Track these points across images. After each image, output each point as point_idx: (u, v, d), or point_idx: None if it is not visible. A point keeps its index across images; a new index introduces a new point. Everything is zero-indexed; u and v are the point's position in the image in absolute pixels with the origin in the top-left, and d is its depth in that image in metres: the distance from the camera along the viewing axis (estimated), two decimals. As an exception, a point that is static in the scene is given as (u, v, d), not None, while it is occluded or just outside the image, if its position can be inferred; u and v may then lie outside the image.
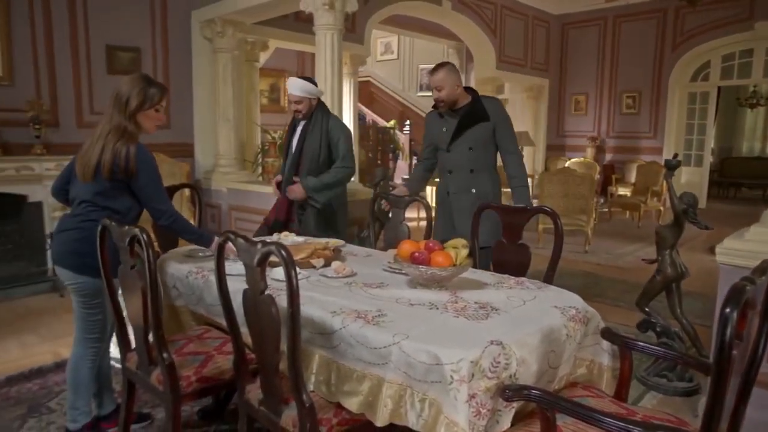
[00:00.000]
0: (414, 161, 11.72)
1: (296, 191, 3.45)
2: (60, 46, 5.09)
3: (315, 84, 3.53)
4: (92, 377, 2.33)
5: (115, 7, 5.42)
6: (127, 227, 1.94)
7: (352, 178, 4.04)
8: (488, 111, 3.17)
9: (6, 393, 2.85)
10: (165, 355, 1.92)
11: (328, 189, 3.47)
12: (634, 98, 10.09)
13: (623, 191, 9.30)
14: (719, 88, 10.00)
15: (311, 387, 1.70)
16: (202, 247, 2.49)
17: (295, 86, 3.42)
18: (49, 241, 4.65)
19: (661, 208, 8.56)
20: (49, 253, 4.70)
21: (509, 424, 1.49)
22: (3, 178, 4.47)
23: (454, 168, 3.26)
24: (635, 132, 10.17)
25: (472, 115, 3.16)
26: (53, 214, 4.68)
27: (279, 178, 3.67)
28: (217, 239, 2.38)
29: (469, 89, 3.24)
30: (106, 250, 2.10)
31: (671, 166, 3.02)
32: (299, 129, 3.55)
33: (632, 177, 9.46)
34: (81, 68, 5.26)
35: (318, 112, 3.49)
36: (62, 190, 2.39)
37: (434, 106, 3.29)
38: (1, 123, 4.61)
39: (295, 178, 3.50)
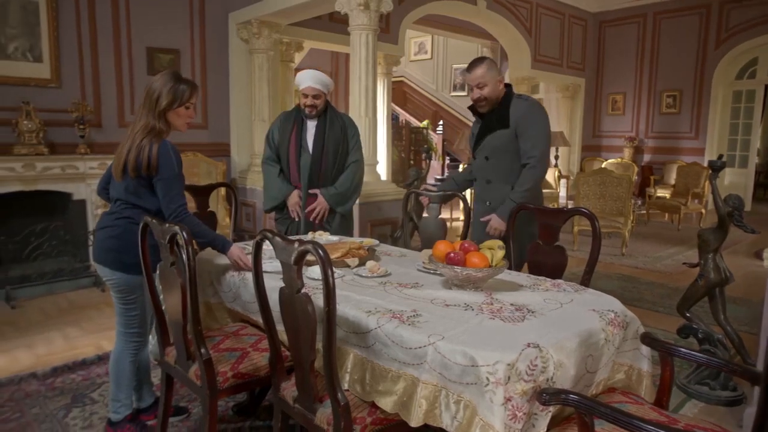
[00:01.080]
0: (447, 161, 11.67)
1: (322, 205, 3.26)
2: (104, 49, 5.27)
3: None
4: (133, 370, 2.40)
5: (155, 10, 5.58)
6: (167, 225, 1.97)
7: (383, 178, 3.96)
8: (511, 116, 2.81)
9: (51, 383, 2.96)
10: (203, 350, 1.96)
11: (352, 196, 3.36)
12: (674, 97, 9.81)
13: (662, 193, 9.04)
14: (766, 86, 9.63)
15: (346, 386, 1.71)
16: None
17: (313, 79, 3.13)
18: (91, 237, 4.81)
19: (703, 211, 8.29)
20: (91, 249, 4.86)
21: (545, 429, 1.47)
22: (49, 176, 4.65)
23: (477, 176, 3.07)
24: (675, 132, 9.88)
25: (491, 121, 2.87)
26: (96, 211, 4.86)
27: (298, 195, 3.31)
28: (231, 242, 2.33)
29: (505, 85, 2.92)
30: (147, 247, 2.13)
31: (716, 168, 2.93)
32: (310, 126, 3.29)
33: (672, 178, 9.18)
34: (123, 70, 5.43)
35: (330, 108, 3.30)
36: (104, 189, 2.46)
37: (471, 107, 2.96)
38: (48, 123, 4.80)
39: (313, 191, 3.28)
